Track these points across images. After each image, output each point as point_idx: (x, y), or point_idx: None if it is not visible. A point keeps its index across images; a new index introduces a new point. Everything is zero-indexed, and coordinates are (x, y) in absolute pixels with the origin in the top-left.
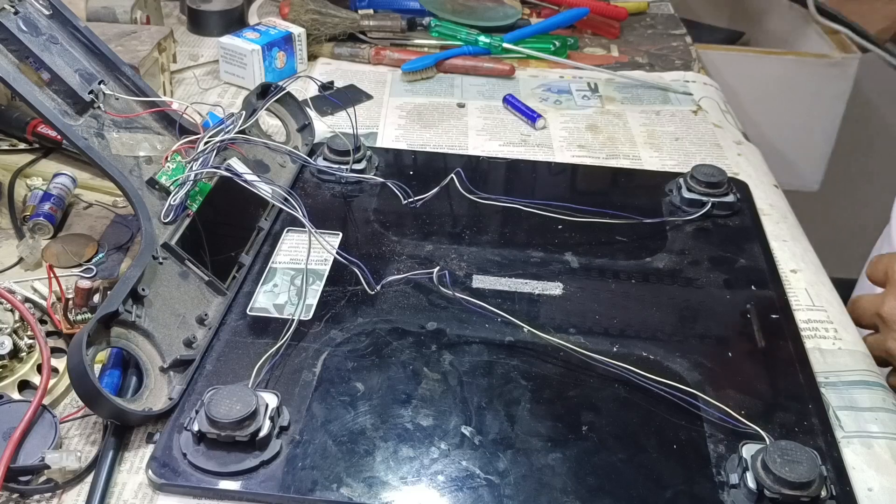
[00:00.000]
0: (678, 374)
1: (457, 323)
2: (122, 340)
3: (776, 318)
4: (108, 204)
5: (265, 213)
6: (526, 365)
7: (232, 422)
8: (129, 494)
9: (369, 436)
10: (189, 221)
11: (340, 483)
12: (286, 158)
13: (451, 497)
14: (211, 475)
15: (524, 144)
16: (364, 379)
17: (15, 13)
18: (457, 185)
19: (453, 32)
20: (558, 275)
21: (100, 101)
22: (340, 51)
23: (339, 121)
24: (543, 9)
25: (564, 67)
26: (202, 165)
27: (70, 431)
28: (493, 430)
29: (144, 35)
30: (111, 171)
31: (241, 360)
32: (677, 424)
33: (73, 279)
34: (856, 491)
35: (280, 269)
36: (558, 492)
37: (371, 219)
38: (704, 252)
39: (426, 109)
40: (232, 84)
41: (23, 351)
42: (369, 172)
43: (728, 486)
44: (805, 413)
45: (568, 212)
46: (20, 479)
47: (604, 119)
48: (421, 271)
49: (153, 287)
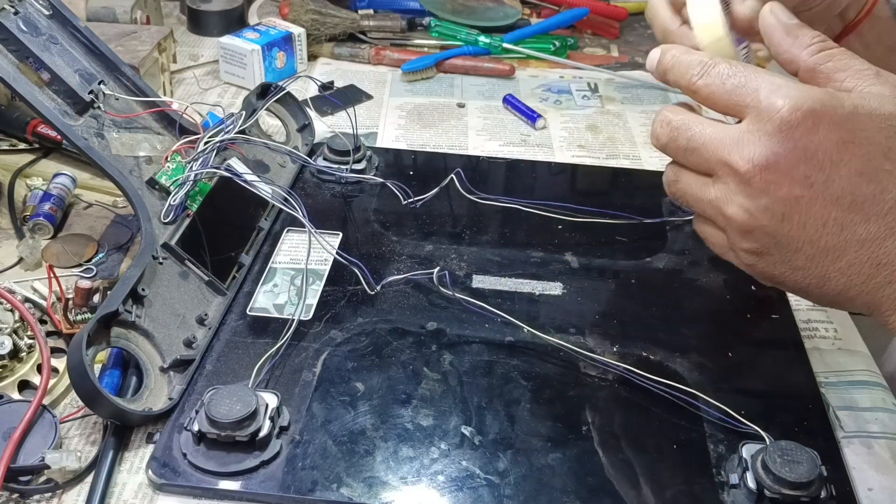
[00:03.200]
0: (678, 374)
1: (457, 323)
2: (122, 340)
3: (776, 317)
4: (108, 204)
5: (265, 213)
6: (526, 365)
7: (232, 422)
8: (129, 494)
9: (369, 436)
10: (189, 221)
11: (340, 483)
12: (286, 158)
13: (451, 497)
14: (211, 475)
15: (524, 144)
16: (364, 379)
17: (15, 13)
18: (457, 186)
19: (453, 32)
20: (558, 275)
21: (100, 101)
22: (340, 51)
23: (339, 121)
24: (543, 9)
25: (564, 67)
26: (202, 165)
27: (70, 431)
28: (493, 430)
29: (144, 35)
30: (111, 171)
31: (241, 360)
32: (677, 424)
33: (73, 279)
34: (856, 491)
35: (280, 269)
36: (558, 492)
37: (371, 219)
38: (704, 252)
39: (426, 109)
40: (232, 84)
41: (23, 351)
42: (369, 172)
43: (728, 486)
44: (805, 413)
45: (568, 212)
46: (20, 479)
47: (604, 119)
48: (421, 271)
49: (153, 287)
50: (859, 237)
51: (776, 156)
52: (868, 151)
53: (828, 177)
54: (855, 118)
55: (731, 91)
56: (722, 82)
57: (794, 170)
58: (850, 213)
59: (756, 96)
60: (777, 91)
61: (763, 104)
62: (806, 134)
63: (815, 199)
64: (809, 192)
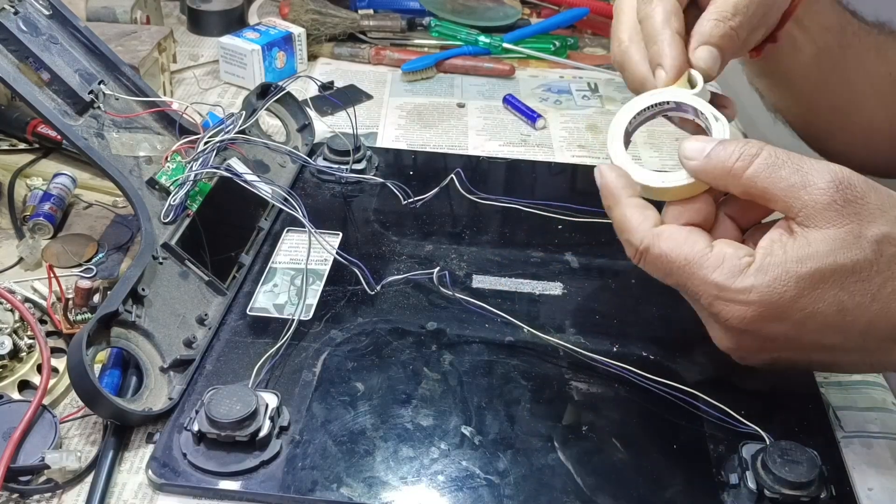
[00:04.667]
0: (678, 374)
1: (457, 323)
2: (122, 340)
3: None
4: (108, 204)
5: (265, 213)
6: (526, 365)
7: (232, 422)
8: (129, 494)
9: (369, 436)
10: (189, 221)
11: (340, 483)
12: (286, 158)
13: (451, 497)
14: (211, 475)
15: (524, 144)
16: (364, 379)
17: (15, 13)
18: (457, 186)
19: (453, 32)
20: (558, 275)
21: (100, 101)
22: (340, 51)
23: (339, 121)
24: (543, 9)
25: (564, 67)
26: (202, 165)
27: (70, 431)
28: (493, 430)
29: (144, 35)
30: (111, 171)
31: (241, 360)
32: (677, 424)
33: (73, 279)
34: (856, 491)
35: (280, 269)
36: (558, 492)
37: (371, 219)
38: None
39: (426, 109)
40: (232, 84)
41: (23, 351)
42: (369, 172)
43: (728, 486)
44: (805, 413)
45: (568, 212)
46: (20, 479)
47: (604, 119)
48: (421, 271)
49: (153, 287)
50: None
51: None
52: (822, 320)
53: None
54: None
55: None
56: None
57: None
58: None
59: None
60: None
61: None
62: (765, 326)
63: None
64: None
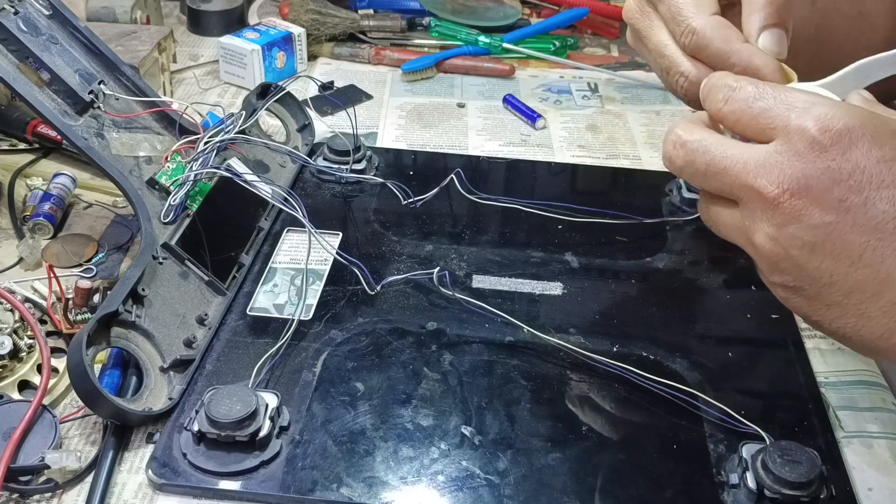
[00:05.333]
0: (678, 374)
1: (457, 323)
2: (122, 340)
3: (776, 317)
4: (108, 204)
5: (265, 213)
6: (526, 365)
7: (232, 422)
8: (129, 494)
9: (369, 436)
10: (189, 221)
11: (340, 483)
12: (286, 158)
13: (451, 497)
14: (211, 475)
15: (524, 144)
16: (364, 379)
17: (15, 13)
18: (457, 186)
19: (453, 32)
20: (558, 275)
21: (100, 101)
22: (340, 51)
23: (339, 121)
24: (543, 9)
25: (564, 67)
26: (202, 165)
27: (70, 431)
28: (493, 430)
29: (144, 35)
30: (111, 171)
31: (241, 360)
32: (677, 424)
33: (73, 279)
34: (856, 491)
35: (280, 269)
36: (558, 492)
37: (371, 219)
38: (704, 252)
39: (426, 109)
40: (232, 84)
41: (23, 351)
42: (369, 172)
43: (728, 486)
44: (805, 413)
45: (568, 212)
46: (20, 479)
47: (604, 119)
48: (421, 271)
49: (153, 287)
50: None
51: (807, 178)
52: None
53: (866, 199)
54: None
55: (759, 115)
56: (748, 107)
57: (826, 193)
58: (893, 241)
59: (786, 116)
60: (809, 109)
61: (793, 124)
62: (842, 153)
63: (851, 225)
64: (844, 218)
